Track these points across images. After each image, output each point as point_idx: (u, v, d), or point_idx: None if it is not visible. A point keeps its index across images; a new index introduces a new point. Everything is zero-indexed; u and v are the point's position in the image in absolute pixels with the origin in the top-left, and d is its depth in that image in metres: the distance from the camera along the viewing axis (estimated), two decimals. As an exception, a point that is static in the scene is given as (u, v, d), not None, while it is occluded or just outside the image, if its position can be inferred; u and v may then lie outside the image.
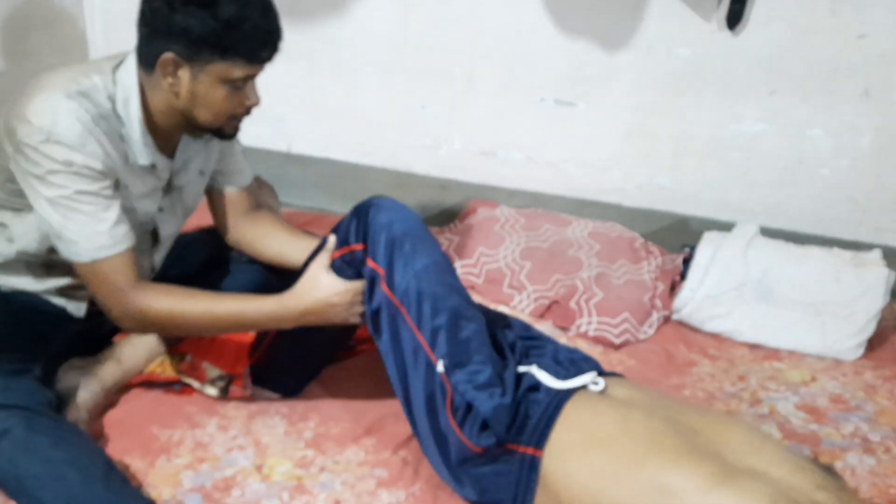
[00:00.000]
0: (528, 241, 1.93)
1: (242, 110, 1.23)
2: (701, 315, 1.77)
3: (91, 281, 1.20)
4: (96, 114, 1.17)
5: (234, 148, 1.44)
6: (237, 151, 1.45)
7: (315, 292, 1.21)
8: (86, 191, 1.15)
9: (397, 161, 2.33)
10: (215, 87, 1.17)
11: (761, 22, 1.95)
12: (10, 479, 1.08)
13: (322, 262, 1.22)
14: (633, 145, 2.14)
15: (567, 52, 2.09)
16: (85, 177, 1.15)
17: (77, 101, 1.15)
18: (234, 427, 1.33)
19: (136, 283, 1.20)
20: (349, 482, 1.24)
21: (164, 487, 1.19)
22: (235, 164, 1.45)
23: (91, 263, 1.18)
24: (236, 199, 1.45)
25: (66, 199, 1.15)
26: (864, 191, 2.03)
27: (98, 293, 1.21)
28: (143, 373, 1.39)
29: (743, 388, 1.58)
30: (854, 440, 1.43)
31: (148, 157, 1.24)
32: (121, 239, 1.19)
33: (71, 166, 1.14)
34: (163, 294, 1.21)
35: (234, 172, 1.45)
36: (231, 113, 1.22)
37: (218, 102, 1.19)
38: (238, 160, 1.45)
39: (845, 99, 1.96)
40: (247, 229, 1.45)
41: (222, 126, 1.23)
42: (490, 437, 1.10)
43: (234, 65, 1.16)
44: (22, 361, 1.21)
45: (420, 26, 2.18)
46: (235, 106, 1.21)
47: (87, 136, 1.15)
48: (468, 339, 1.16)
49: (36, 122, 1.13)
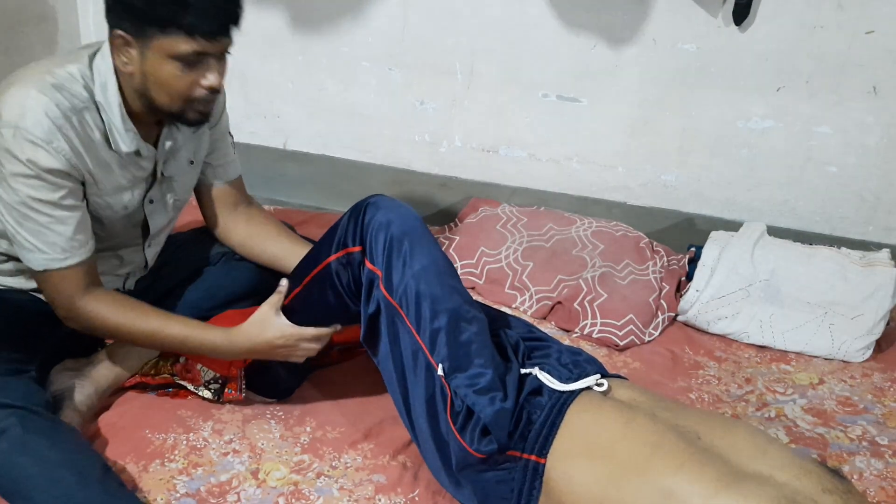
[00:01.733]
0: (530, 240, 1.91)
1: (201, 92, 1.17)
2: (707, 316, 1.75)
3: (41, 284, 1.22)
4: (69, 107, 1.15)
5: (225, 139, 1.42)
6: (228, 143, 1.43)
7: (262, 334, 1.23)
8: (44, 200, 1.14)
9: (396, 158, 2.32)
10: (163, 64, 1.13)
11: (768, 17, 1.93)
12: (6, 480, 1.07)
13: (273, 303, 1.25)
14: (637, 142, 2.13)
15: (570, 46, 2.07)
16: (47, 183, 1.14)
17: (49, 94, 1.13)
18: (230, 431, 1.32)
19: (86, 291, 1.21)
20: (347, 488, 1.22)
21: (158, 492, 1.18)
22: (226, 155, 1.42)
23: (43, 272, 1.19)
24: (225, 193, 1.43)
25: (23, 206, 1.14)
26: (872, 189, 2.02)
27: (46, 295, 1.22)
28: (137, 375, 1.37)
29: (750, 391, 1.57)
30: (862, 443, 1.42)
31: (131, 144, 1.22)
32: (77, 250, 1.19)
33: (33, 168, 1.12)
34: (113, 306, 1.22)
35: (223, 164, 1.42)
36: (187, 94, 1.16)
37: (168, 82, 1.14)
38: (228, 152, 1.43)
39: (853, 95, 1.94)
40: (237, 226, 1.44)
41: (183, 110, 1.18)
42: (491, 443, 1.08)
43: (177, 39, 1.11)
44: (18, 361, 1.21)
45: (419, 20, 2.15)
46: (189, 86, 1.16)
47: (55, 133, 1.13)
48: (469, 342, 1.14)
49: (5, 117, 1.11)
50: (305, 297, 1.24)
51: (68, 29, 2.33)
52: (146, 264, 1.40)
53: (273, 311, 1.24)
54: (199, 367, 1.35)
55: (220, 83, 1.18)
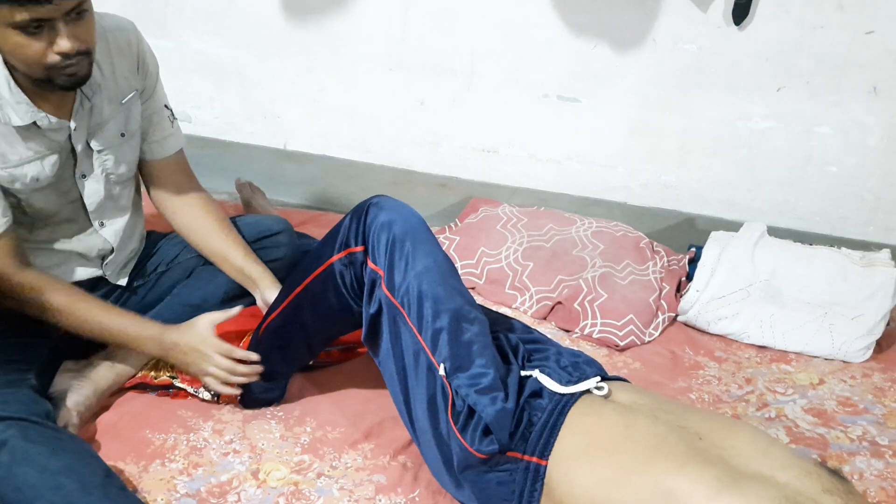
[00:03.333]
0: (530, 240, 1.91)
1: (55, 58, 1.13)
2: (707, 316, 1.75)
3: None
4: None
5: (161, 113, 1.39)
6: (165, 117, 1.40)
7: (188, 334, 1.26)
8: None
9: (396, 158, 2.31)
10: (7, 35, 1.10)
11: (768, 17, 1.93)
12: (8, 490, 1.07)
13: (215, 318, 1.28)
14: (638, 142, 2.13)
15: (570, 47, 2.07)
16: None
17: None
18: (230, 431, 1.31)
19: (19, 267, 1.22)
20: (347, 488, 1.22)
21: (159, 493, 1.17)
22: (162, 130, 1.39)
23: None
24: (164, 170, 1.41)
25: None
26: (872, 189, 2.02)
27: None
28: (137, 376, 1.37)
29: (750, 391, 1.56)
30: (862, 443, 1.42)
31: (25, 116, 1.19)
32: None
33: None
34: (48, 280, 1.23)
35: (159, 140, 1.39)
36: (41, 62, 1.13)
37: (18, 51, 1.12)
38: (164, 126, 1.40)
39: (853, 96, 1.95)
40: (180, 212, 1.42)
41: (48, 77, 1.15)
42: (493, 444, 1.08)
43: (10, 9, 1.08)
44: (17, 370, 1.20)
45: (420, 20, 2.15)
46: (40, 54, 1.12)
47: None
48: (470, 342, 1.14)
49: None
50: (306, 296, 1.24)
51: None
52: (112, 248, 1.37)
53: (209, 321, 1.27)
54: (199, 367, 1.35)
55: (73, 47, 1.13)
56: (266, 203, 1.65)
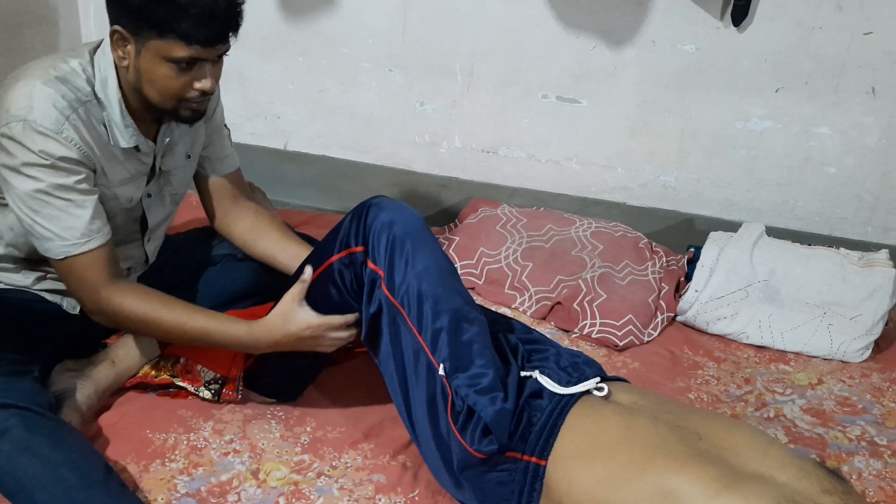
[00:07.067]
0: (529, 240, 1.91)
1: (193, 94, 1.17)
2: (706, 317, 1.75)
3: (65, 276, 1.20)
4: (74, 99, 1.16)
5: (221, 132, 1.42)
6: (225, 136, 1.43)
7: (286, 326, 1.21)
8: (61, 185, 1.14)
9: (396, 159, 2.31)
10: (157, 65, 1.14)
11: (767, 18, 1.93)
12: (9, 480, 1.07)
13: (295, 295, 1.22)
14: (637, 143, 2.13)
15: (570, 47, 2.07)
16: (60, 170, 1.14)
17: (54, 86, 1.14)
18: (230, 431, 1.31)
19: (110, 281, 1.20)
20: (347, 487, 1.22)
21: (159, 492, 1.18)
22: (223, 149, 1.43)
23: (64, 260, 1.17)
24: (224, 185, 1.43)
25: (39, 193, 1.14)
26: (871, 190, 2.02)
27: (71, 287, 1.21)
28: (138, 375, 1.37)
29: (749, 391, 1.57)
30: (861, 443, 1.43)
31: (130, 140, 1.22)
32: (95, 234, 1.18)
33: (47, 158, 1.12)
34: (139, 297, 1.21)
35: (220, 158, 1.42)
36: (179, 95, 1.17)
37: (161, 81, 1.15)
38: (225, 145, 1.43)
39: (852, 96, 1.95)
40: (236, 220, 1.44)
41: (176, 108, 1.19)
42: (492, 444, 1.09)
43: (173, 44, 1.11)
44: (21, 362, 1.20)
45: (419, 21, 2.16)
46: (183, 88, 1.16)
47: (63, 123, 1.13)
48: (470, 342, 1.14)
49: (13, 111, 1.12)
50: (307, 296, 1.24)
51: (69, 30, 2.33)
52: (146, 259, 1.40)
53: (295, 302, 1.21)
54: (198, 367, 1.35)
55: (213, 87, 1.18)
56: (267, 203, 1.65)
